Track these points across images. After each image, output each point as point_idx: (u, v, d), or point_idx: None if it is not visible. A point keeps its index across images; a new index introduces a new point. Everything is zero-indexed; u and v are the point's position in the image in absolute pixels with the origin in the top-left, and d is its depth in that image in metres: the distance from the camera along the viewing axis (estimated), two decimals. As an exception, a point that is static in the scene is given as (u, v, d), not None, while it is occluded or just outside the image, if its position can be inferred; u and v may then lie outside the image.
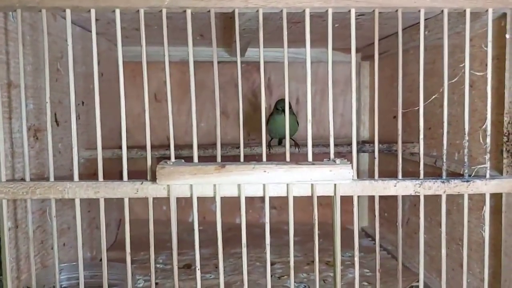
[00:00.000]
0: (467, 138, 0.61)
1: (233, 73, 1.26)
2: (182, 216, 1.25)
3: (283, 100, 1.11)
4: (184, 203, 1.31)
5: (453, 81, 0.64)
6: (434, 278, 0.88)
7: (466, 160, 0.62)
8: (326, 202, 0.67)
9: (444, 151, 0.61)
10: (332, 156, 0.61)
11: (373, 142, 1.06)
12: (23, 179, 0.59)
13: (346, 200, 0.65)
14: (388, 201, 1.10)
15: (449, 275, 0.83)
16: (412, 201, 1.00)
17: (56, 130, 0.78)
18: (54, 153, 0.75)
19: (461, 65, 0.61)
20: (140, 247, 0.90)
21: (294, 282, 0.90)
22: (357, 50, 1.26)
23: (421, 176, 0.61)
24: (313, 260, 1.02)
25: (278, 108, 1.08)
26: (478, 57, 0.69)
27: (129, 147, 0.98)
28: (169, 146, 0.60)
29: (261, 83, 0.60)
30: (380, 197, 0.64)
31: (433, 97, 0.70)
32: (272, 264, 1.00)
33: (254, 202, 1.33)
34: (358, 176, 0.62)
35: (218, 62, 1.28)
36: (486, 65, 0.64)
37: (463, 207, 0.77)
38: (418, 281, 0.91)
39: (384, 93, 1.09)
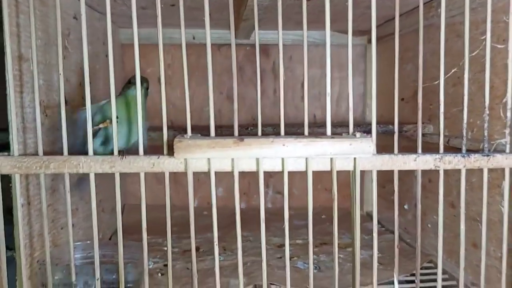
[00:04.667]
0: (487, 112, 0.61)
1: (238, 56, 1.25)
2: (187, 202, 1.24)
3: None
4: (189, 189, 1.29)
5: (473, 54, 0.63)
6: (446, 259, 0.88)
7: (486, 134, 0.61)
8: (328, 186, 0.66)
9: (464, 125, 0.61)
10: (351, 130, 0.60)
11: (382, 123, 1.05)
12: (36, 154, 0.58)
13: (346, 185, 0.65)
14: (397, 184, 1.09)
15: (453, 250, 0.82)
16: (422, 182, 0.99)
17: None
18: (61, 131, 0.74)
19: (482, 38, 0.60)
20: (147, 232, 0.90)
21: (304, 263, 0.90)
22: (364, 33, 1.25)
23: (441, 150, 0.61)
24: (322, 242, 1.02)
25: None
26: (496, 32, 0.69)
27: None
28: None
29: (279, 59, 0.59)
30: (388, 180, 0.64)
31: (453, 71, 0.69)
32: (280, 246, 0.99)
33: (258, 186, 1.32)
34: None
35: (223, 45, 1.28)
36: (504, 40, 0.63)
37: (477, 185, 0.77)
38: (429, 262, 0.91)
39: (393, 75, 1.08)
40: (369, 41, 1.24)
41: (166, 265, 0.88)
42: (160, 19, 0.57)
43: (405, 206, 1.07)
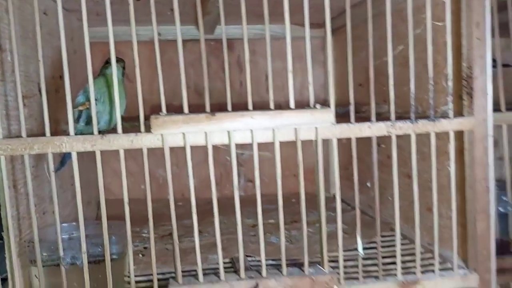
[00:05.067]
0: (431, 82, 0.68)
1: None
2: (160, 194, 1.28)
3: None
4: (161, 181, 1.34)
5: (417, 31, 0.71)
6: (403, 225, 0.95)
7: (431, 102, 0.68)
8: (297, 173, 0.73)
9: (412, 95, 0.68)
10: (312, 103, 0.66)
11: (341, 105, 1.13)
12: (19, 136, 0.61)
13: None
14: (358, 166, 1.17)
15: (409, 217, 0.90)
16: (381, 159, 1.07)
17: (40, 99, 0.80)
18: (39, 121, 0.77)
19: (422, 16, 0.68)
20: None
21: (277, 237, 0.96)
22: (321, 25, 1.33)
23: (392, 118, 0.68)
24: (292, 220, 1.08)
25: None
26: (435, 14, 0.76)
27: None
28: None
29: (244, 44, 0.64)
30: (351, 163, 0.70)
31: (400, 48, 0.76)
32: (254, 226, 1.05)
33: (230, 176, 1.37)
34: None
35: (188, 40, 1.32)
36: (443, 20, 0.71)
37: (428, 155, 0.84)
38: (390, 230, 0.99)
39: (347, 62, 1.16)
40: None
41: (146, 248, 0.92)
42: (133, 14, 0.62)
43: (368, 184, 1.15)
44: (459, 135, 0.71)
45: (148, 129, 0.62)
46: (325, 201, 0.70)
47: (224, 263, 0.81)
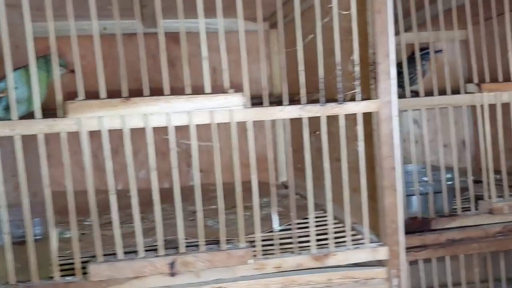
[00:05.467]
0: (339, 67, 0.73)
1: (149, 44, 1.32)
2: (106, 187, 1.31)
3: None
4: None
5: (325, 20, 0.75)
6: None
7: (340, 86, 0.73)
8: (246, 162, 0.78)
9: (321, 80, 0.72)
10: (226, 87, 0.70)
11: (279, 95, 1.17)
12: None
13: (263, 160, 0.76)
14: (300, 154, 1.22)
15: (339, 198, 0.94)
16: (315, 146, 1.12)
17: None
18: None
19: (329, 6, 0.72)
20: (66, 215, 0.96)
21: (214, 221, 1.00)
22: (264, 19, 1.37)
23: (303, 102, 0.72)
24: (233, 206, 1.12)
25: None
26: (343, 3, 0.80)
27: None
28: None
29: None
30: (295, 151, 0.75)
31: (310, 37, 0.81)
32: (194, 212, 1.08)
33: (181, 166, 1.40)
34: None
35: (132, 34, 1.34)
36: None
37: (351, 139, 0.89)
38: (321, 210, 1.03)
39: (291, 54, 1.21)
40: (271, 26, 1.36)
41: (83, 234, 0.95)
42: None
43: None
44: (369, 117, 0.76)
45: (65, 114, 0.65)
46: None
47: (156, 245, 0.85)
